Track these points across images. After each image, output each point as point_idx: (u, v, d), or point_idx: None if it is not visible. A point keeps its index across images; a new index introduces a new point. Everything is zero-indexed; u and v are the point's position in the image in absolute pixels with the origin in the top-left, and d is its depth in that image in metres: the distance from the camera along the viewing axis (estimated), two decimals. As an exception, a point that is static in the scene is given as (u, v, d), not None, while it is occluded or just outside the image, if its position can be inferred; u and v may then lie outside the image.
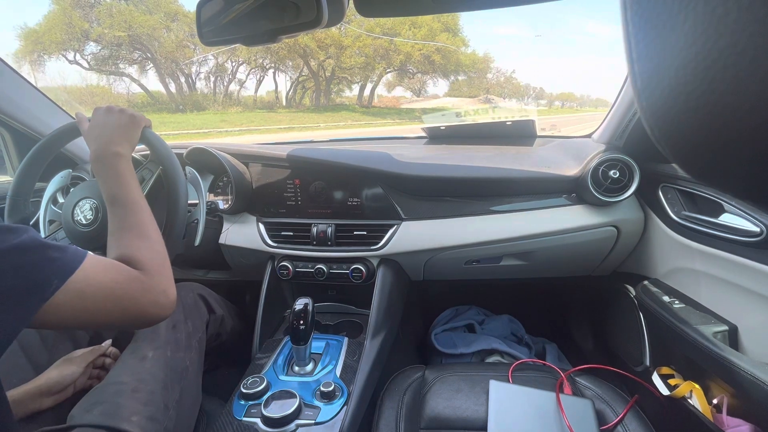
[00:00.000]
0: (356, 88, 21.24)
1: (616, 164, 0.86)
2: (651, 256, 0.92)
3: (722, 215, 0.72)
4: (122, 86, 17.78)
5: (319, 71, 18.80)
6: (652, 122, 0.17)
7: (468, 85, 23.28)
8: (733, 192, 0.17)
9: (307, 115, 16.95)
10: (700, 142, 0.15)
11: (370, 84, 21.07)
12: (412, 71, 20.37)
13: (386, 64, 19.24)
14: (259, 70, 18.55)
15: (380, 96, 23.21)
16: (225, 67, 18.07)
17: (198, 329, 0.81)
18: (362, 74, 19.73)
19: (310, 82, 19.69)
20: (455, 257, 0.98)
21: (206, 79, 18.42)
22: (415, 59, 18.78)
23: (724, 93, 0.13)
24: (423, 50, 18.16)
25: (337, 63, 18.27)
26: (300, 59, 17.70)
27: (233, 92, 19.08)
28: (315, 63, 18.16)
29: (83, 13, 14.90)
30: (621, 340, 1.03)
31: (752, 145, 0.14)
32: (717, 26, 0.12)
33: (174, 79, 17.49)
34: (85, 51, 15.86)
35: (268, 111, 18.12)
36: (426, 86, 23.54)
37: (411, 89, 23.98)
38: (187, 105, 16.98)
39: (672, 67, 0.14)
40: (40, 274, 0.41)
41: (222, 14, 0.61)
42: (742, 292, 0.67)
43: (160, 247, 0.59)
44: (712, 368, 0.68)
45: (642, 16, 0.15)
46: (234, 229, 1.04)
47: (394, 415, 0.73)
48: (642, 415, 0.70)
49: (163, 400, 0.64)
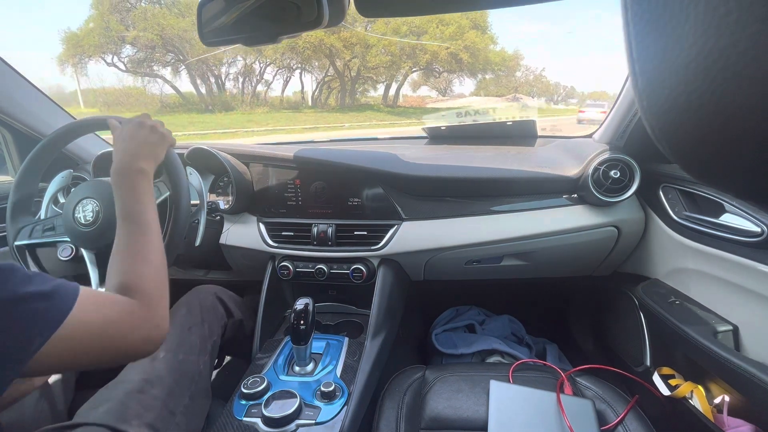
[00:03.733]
0: (381, 88, 20.94)
1: (616, 164, 0.86)
2: (652, 257, 0.92)
3: (723, 215, 0.72)
4: (156, 87, 18.11)
5: (345, 71, 18.61)
6: (653, 122, 0.17)
7: (495, 83, 22.67)
8: (734, 192, 0.17)
9: (332, 115, 16.87)
10: (700, 141, 0.15)
11: (395, 83, 20.70)
12: (438, 70, 20.01)
13: (412, 63, 18.84)
14: (286, 70, 18.56)
15: (405, 96, 22.81)
16: (253, 68, 18.15)
17: (214, 332, 0.81)
18: (387, 73, 19.40)
19: (336, 82, 19.53)
20: (456, 257, 0.98)
21: (235, 80, 18.61)
22: (441, 58, 18.21)
23: (725, 93, 0.13)
24: (450, 48, 17.72)
25: (363, 62, 18.03)
26: (326, 59, 17.57)
27: (260, 93, 19.18)
28: (341, 63, 18.02)
29: (120, 17, 15.18)
30: (621, 340, 1.02)
31: (753, 144, 0.14)
32: (718, 26, 0.12)
33: (204, 80, 17.69)
34: (122, 54, 16.26)
35: (294, 111, 18.14)
36: (452, 85, 23.09)
37: (436, 88, 23.35)
38: (216, 105, 17.10)
39: (673, 67, 0.14)
40: (20, 336, 0.36)
41: (223, 14, 0.61)
42: (743, 292, 0.67)
43: (163, 276, 0.56)
44: (712, 369, 0.68)
45: (642, 16, 0.15)
46: (234, 229, 1.04)
47: (394, 415, 0.73)
48: (642, 415, 0.69)
49: (167, 406, 0.63)
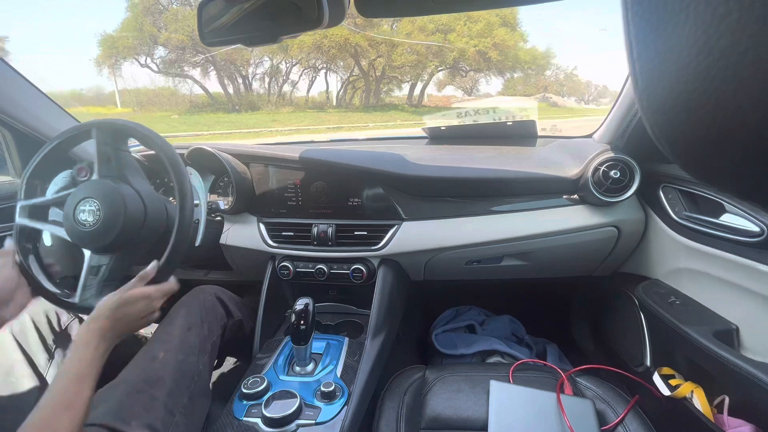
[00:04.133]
0: (406, 88, 20.36)
1: (616, 164, 0.86)
2: (652, 257, 0.92)
3: (723, 215, 0.72)
4: (186, 88, 18.44)
5: (370, 71, 18.30)
6: (653, 122, 0.17)
7: (523, 83, 21.82)
8: (734, 192, 0.17)
9: (356, 115, 16.74)
10: (700, 141, 0.15)
11: (421, 83, 20.13)
12: (465, 69, 19.16)
13: (439, 61, 18.05)
14: (312, 70, 18.49)
15: (430, 95, 22.10)
16: (279, 69, 18.23)
17: (214, 333, 0.81)
18: (413, 73, 18.81)
19: (360, 82, 19.25)
20: (456, 257, 0.98)
21: (261, 80, 18.70)
22: (469, 56, 17.40)
23: (726, 93, 0.13)
24: (479, 46, 16.88)
25: (388, 62, 17.65)
26: (351, 59, 17.38)
27: (286, 93, 19.19)
28: (366, 62, 17.74)
29: (153, 19, 15.36)
30: (622, 340, 1.02)
31: (753, 145, 0.14)
32: (718, 26, 0.12)
33: (232, 80, 17.79)
34: (155, 55, 16.45)
35: (319, 111, 18.08)
36: (478, 85, 22.30)
37: (462, 88, 22.65)
38: (243, 105, 17.19)
39: (673, 67, 0.14)
40: None
41: (223, 15, 0.61)
42: (743, 292, 0.67)
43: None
44: (713, 369, 0.68)
45: (643, 16, 0.15)
46: (235, 230, 1.04)
47: (394, 415, 0.73)
48: (643, 415, 0.69)
49: (166, 406, 0.63)
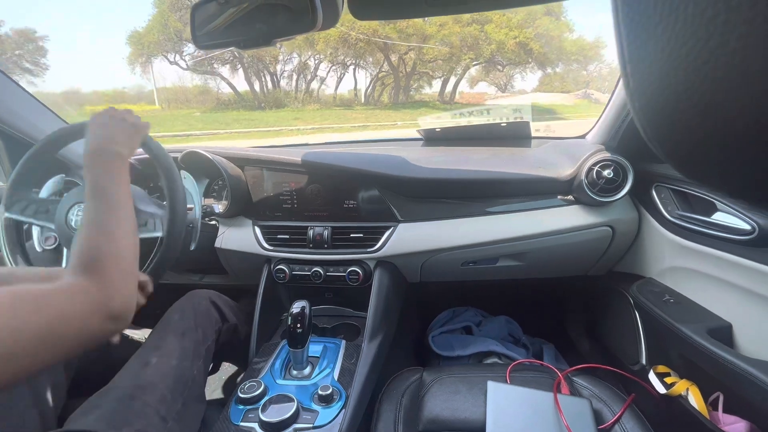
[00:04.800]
0: (437, 84, 18.85)
1: (610, 164, 0.87)
2: (645, 256, 0.93)
3: (715, 214, 0.73)
4: (213, 85, 18.25)
5: (399, 66, 17.10)
6: (645, 122, 0.17)
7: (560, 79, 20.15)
8: (725, 191, 0.17)
9: (384, 113, 15.95)
10: (691, 141, 0.15)
11: (454, 78, 18.54)
12: (503, 63, 17.42)
13: (474, 55, 16.38)
14: (340, 67, 17.76)
15: (462, 92, 20.73)
16: (308, 65, 17.68)
17: (208, 337, 0.80)
18: (446, 67, 17.42)
19: (390, 78, 18.20)
20: (452, 259, 0.98)
21: (290, 78, 18.24)
22: (508, 48, 15.70)
23: (715, 93, 0.13)
24: (519, 37, 15.38)
25: (419, 56, 16.40)
26: (380, 53, 16.42)
27: (314, 90, 18.58)
28: (395, 57, 16.61)
29: (179, 15, 15.03)
30: (617, 339, 1.03)
31: (743, 144, 0.14)
32: (707, 27, 0.12)
33: (259, 77, 17.48)
34: (183, 52, 16.08)
35: (346, 109, 17.38)
36: (512, 81, 20.82)
37: (496, 84, 21.16)
38: (269, 103, 16.87)
39: (663, 68, 0.14)
40: None
41: (216, 18, 0.61)
42: (736, 289, 0.68)
43: (129, 255, 0.52)
44: (707, 366, 0.68)
45: (633, 17, 0.15)
46: (230, 233, 1.03)
47: (392, 417, 0.72)
48: (639, 413, 0.70)
49: (158, 412, 0.62)
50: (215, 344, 0.83)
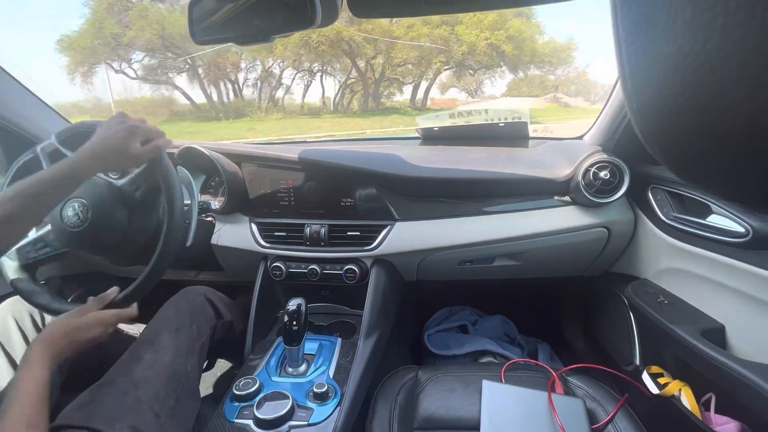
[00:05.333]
0: (408, 91, 18.45)
1: (606, 166, 0.87)
2: (641, 257, 0.94)
3: (710, 216, 0.74)
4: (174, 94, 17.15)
5: (368, 71, 16.51)
6: (642, 124, 0.17)
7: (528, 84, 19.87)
8: (720, 194, 0.17)
9: (352, 120, 15.35)
10: (688, 144, 0.16)
11: (425, 83, 18.10)
12: (473, 67, 17.05)
13: (445, 58, 16.05)
14: (307, 74, 17.07)
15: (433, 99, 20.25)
16: (273, 73, 16.95)
17: (203, 334, 0.80)
18: (416, 72, 16.94)
19: (359, 85, 17.58)
20: (448, 258, 0.98)
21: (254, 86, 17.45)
22: (480, 50, 15.34)
23: (713, 96, 0.13)
24: (491, 39, 14.96)
25: (387, 60, 15.77)
26: (346, 57, 15.33)
27: (279, 99, 17.89)
28: (363, 61, 15.98)
29: (118, 19, 14.28)
30: (612, 339, 1.04)
31: (738, 147, 0.14)
32: (705, 30, 0.12)
33: (217, 86, 16.70)
34: (132, 60, 15.31)
35: (313, 117, 16.74)
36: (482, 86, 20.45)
37: (466, 90, 20.81)
38: (228, 113, 16.17)
39: (661, 70, 0.14)
40: None
41: (214, 13, 0.61)
42: (730, 291, 0.69)
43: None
44: (700, 367, 0.69)
45: (632, 19, 0.15)
46: (226, 230, 1.03)
47: (387, 415, 0.73)
48: (632, 413, 0.70)
49: (152, 408, 0.62)
50: (210, 341, 0.82)
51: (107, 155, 0.62)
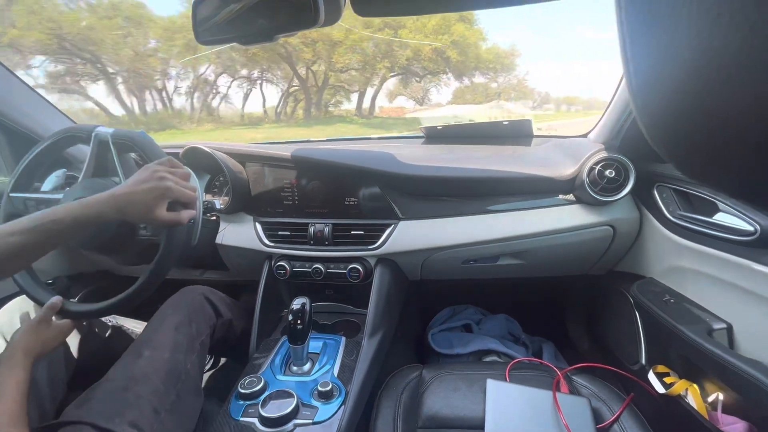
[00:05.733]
0: (356, 98, 17.80)
1: (612, 164, 0.86)
2: (647, 256, 0.93)
3: (717, 214, 0.73)
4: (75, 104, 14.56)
5: (309, 78, 15.66)
6: (647, 122, 0.17)
7: (472, 91, 19.91)
8: (727, 191, 0.17)
9: (292, 130, 14.60)
10: (694, 141, 0.15)
11: (371, 89, 17.43)
12: (419, 74, 16.72)
13: (390, 63, 15.40)
14: (246, 82, 16.01)
15: (381, 107, 19.94)
16: (207, 80, 15.63)
17: (202, 332, 0.80)
18: (361, 79, 16.43)
19: (302, 93, 16.73)
20: (452, 257, 0.98)
21: (187, 95, 15.90)
22: (425, 55, 15.00)
23: (719, 93, 0.13)
24: (435, 44, 14.71)
25: (329, 66, 15.02)
26: (285, 63, 14.73)
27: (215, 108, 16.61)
28: (303, 68, 15.15)
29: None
30: (617, 338, 1.03)
31: (746, 144, 0.14)
32: (711, 28, 0.12)
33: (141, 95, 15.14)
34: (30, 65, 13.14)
35: (250, 128, 15.57)
36: (429, 94, 20.09)
37: (413, 98, 20.44)
38: (152, 125, 14.60)
39: (666, 68, 0.14)
40: None
41: (217, 13, 0.61)
42: (737, 290, 0.68)
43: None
44: (707, 366, 0.68)
45: (637, 16, 0.15)
46: (231, 229, 1.03)
47: (391, 414, 0.73)
48: (638, 413, 0.70)
49: (151, 403, 0.63)
50: (210, 339, 0.83)
51: (129, 211, 0.59)
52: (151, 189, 0.60)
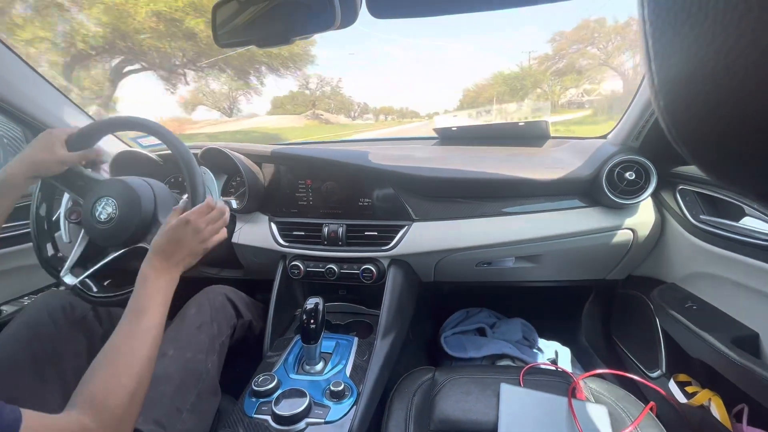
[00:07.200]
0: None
1: (632, 165, 0.84)
2: (668, 260, 0.90)
3: (743, 219, 0.70)
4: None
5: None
6: (670, 122, 0.17)
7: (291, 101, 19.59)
8: (755, 194, 0.17)
9: None
10: (719, 142, 0.15)
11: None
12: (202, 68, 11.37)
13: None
14: None
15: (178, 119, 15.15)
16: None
17: (223, 332, 0.82)
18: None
19: None
20: (466, 259, 0.97)
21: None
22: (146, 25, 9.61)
23: (746, 92, 0.13)
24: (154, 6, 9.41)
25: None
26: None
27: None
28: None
29: None
30: (636, 345, 1.00)
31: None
32: (738, 24, 0.12)
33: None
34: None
35: None
36: (239, 104, 18.21)
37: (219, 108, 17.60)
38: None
39: (691, 66, 0.14)
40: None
41: (237, 16, 0.62)
42: (764, 298, 0.65)
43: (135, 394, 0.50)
44: (732, 376, 0.66)
45: (659, 14, 0.15)
46: (246, 229, 1.05)
47: (403, 416, 0.72)
48: (658, 422, 0.68)
49: (174, 402, 0.64)
50: (230, 339, 0.84)
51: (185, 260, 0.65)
52: (191, 253, 0.66)
